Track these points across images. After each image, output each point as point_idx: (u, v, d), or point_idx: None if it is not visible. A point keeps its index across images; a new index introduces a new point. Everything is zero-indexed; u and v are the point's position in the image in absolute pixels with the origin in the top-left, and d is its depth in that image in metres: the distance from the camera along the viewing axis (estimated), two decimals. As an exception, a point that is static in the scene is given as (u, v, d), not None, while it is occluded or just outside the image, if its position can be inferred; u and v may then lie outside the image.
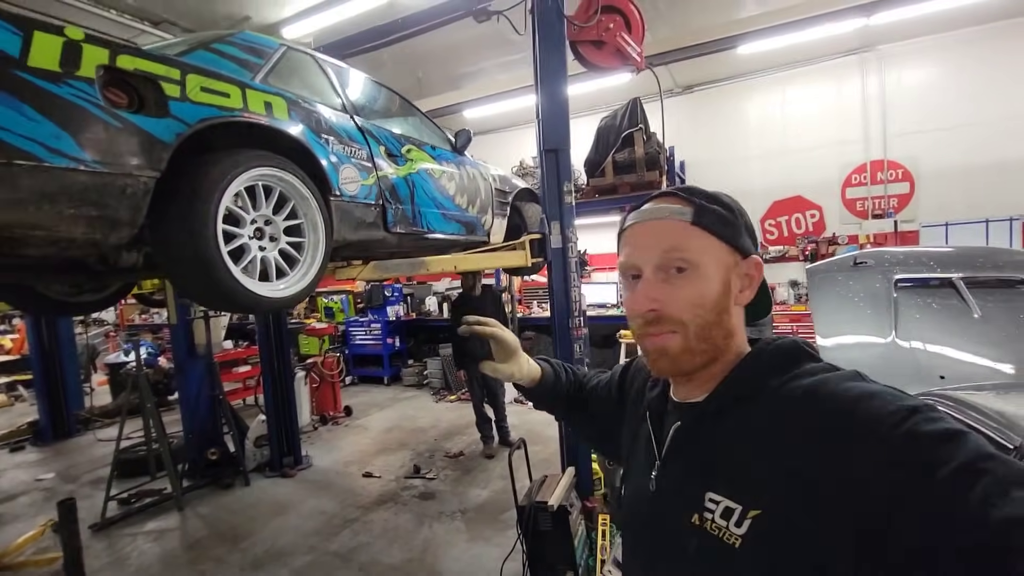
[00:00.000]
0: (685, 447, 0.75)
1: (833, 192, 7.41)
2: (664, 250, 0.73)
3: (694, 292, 0.72)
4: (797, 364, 0.69)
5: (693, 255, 0.72)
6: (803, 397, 0.64)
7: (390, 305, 8.61)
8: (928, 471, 0.51)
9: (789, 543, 0.59)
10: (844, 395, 0.61)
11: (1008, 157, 6.39)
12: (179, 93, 1.71)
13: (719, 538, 0.65)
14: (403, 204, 2.76)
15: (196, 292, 1.90)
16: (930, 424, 0.54)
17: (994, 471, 0.49)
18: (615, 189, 6.51)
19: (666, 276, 0.73)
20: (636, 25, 3.50)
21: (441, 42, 5.88)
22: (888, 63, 6.94)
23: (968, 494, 0.48)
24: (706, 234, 0.73)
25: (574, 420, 1.22)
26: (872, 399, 0.58)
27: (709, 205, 0.74)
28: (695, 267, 0.72)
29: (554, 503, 2.51)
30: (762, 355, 0.73)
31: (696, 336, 0.72)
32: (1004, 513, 0.46)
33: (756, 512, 0.62)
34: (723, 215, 0.75)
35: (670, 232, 0.74)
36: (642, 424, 0.86)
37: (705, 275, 0.72)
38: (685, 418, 0.76)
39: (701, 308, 0.71)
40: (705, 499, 0.68)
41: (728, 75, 7.65)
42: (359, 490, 4.46)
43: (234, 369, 6.92)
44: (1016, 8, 5.86)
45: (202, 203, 1.72)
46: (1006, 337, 2.62)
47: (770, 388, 0.68)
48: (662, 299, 0.72)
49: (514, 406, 6.56)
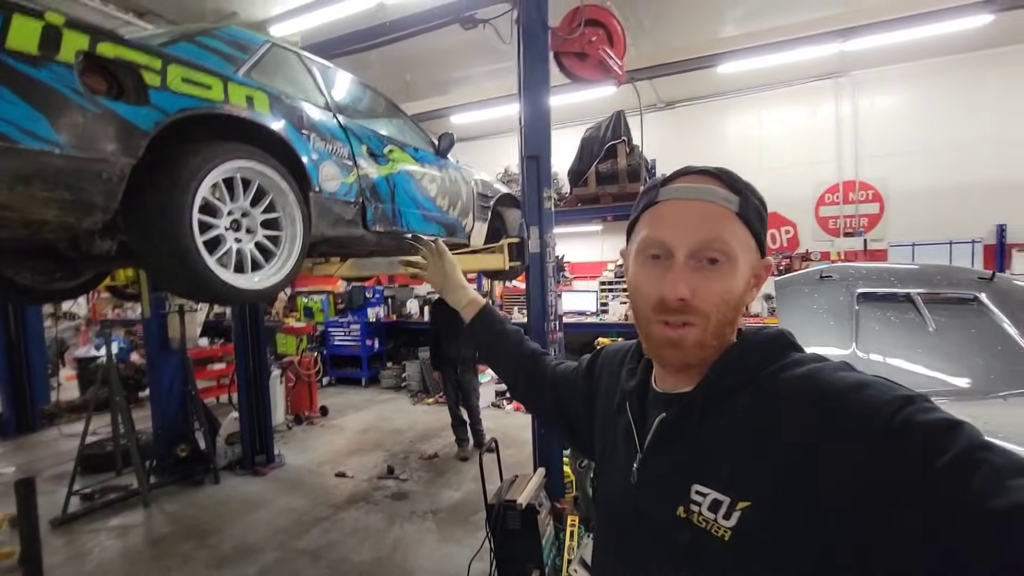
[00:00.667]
0: (670, 438, 0.72)
1: (807, 209, 7.64)
2: (707, 237, 0.67)
3: (724, 287, 0.68)
4: (785, 353, 0.68)
5: (734, 249, 0.67)
6: (795, 388, 0.62)
7: (371, 307, 8.57)
8: (925, 461, 0.50)
9: (782, 536, 0.58)
10: (837, 385, 0.59)
11: (970, 182, 6.68)
12: (159, 82, 1.73)
13: (707, 531, 0.63)
14: (383, 203, 2.79)
15: (170, 281, 1.91)
16: (925, 414, 0.53)
17: (991, 461, 0.48)
18: (597, 199, 6.62)
19: (698, 264, 0.67)
20: (618, 39, 3.60)
21: (430, 47, 5.94)
22: (861, 88, 7.21)
23: (966, 484, 0.47)
24: (745, 228, 0.69)
25: (527, 392, 1.17)
26: (866, 389, 0.57)
27: (752, 197, 0.70)
28: (732, 261, 0.68)
29: (523, 502, 2.54)
30: (750, 345, 0.71)
31: (713, 332, 0.68)
32: (1003, 502, 0.45)
33: (746, 504, 0.61)
34: (760, 210, 0.71)
35: (714, 217, 0.68)
36: (620, 416, 0.83)
37: (737, 270, 0.68)
38: (671, 409, 0.73)
39: (726, 305, 0.68)
40: (692, 491, 0.66)
41: (709, 93, 7.86)
42: (331, 489, 4.44)
43: (208, 366, 6.82)
44: (979, 42, 6.15)
45: (179, 192, 1.73)
46: (959, 351, 2.74)
47: (759, 378, 0.66)
48: (695, 289, 0.67)
49: (490, 410, 6.59)
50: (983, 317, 2.86)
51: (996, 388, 2.52)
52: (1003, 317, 2.84)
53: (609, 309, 7.55)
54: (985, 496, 0.46)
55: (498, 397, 7.09)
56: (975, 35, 5.77)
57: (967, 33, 5.64)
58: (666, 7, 5.44)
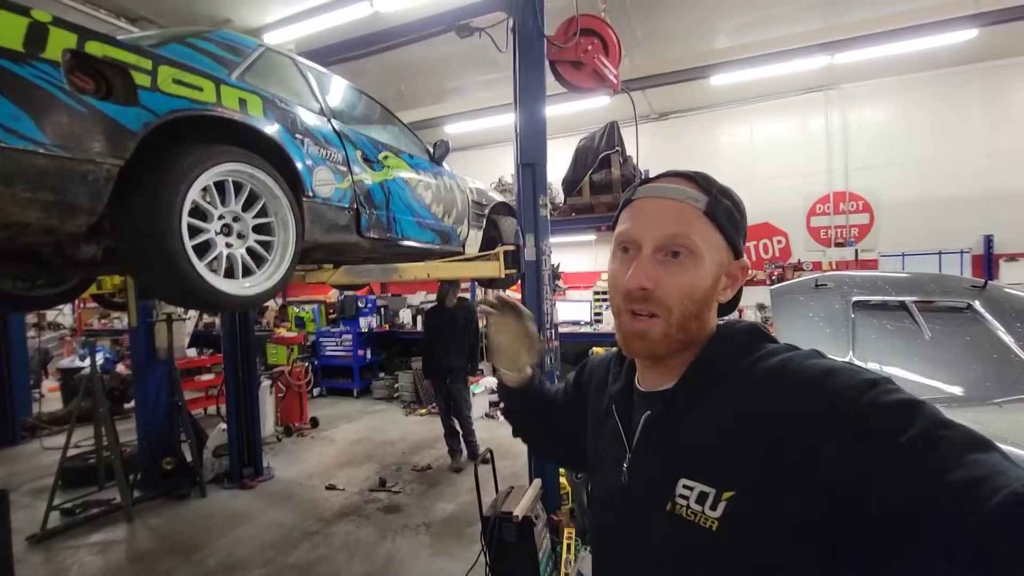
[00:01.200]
0: (655, 436, 0.75)
1: (799, 220, 7.70)
2: (671, 232, 0.71)
3: (687, 281, 0.71)
4: (759, 345, 0.71)
5: (697, 244, 0.71)
6: (768, 377, 0.65)
7: (363, 316, 8.48)
8: (888, 439, 0.53)
9: (765, 521, 0.60)
10: (808, 372, 0.62)
11: (958, 193, 6.78)
12: (150, 83, 1.69)
13: (695, 523, 0.65)
14: (378, 210, 2.75)
15: (157, 287, 1.85)
16: (889, 395, 0.56)
17: (949, 438, 0.51)
18: (591, 208, 6.63)
19: (663, 258, 0.71)
20: (613, 48, 3.62)
21: (425, 56, 5.97)
22: (850, 101, 7.32)
23: (926, 459, 0.50)
24: (713, 227, 0.72)
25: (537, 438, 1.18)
26: (834, 374, 0.60)
27: (722, 199, 0.74)
28: (696, 257, 0.71)
29: (519, 514, 2.48)
30: (726, 339, 0.73)
31: (677, 325, 0.71)
32: (960, 475, 0.48)
33: (730, 493, 0.63)
34: (732, 212, 0.74)
35: (681, 215, 0.72)
36: (607, 419, 0.85)
37: (702, 267, 0.71)
38: (654, 407, 0.75)
39: (689, 299, 0.71)
40: (679, 486, 0.68)
41: (701, 104, 7.94)
42: (321, 502, 4.33)
43: (196, 377, 6.69)
44: (965, 57, 6.28)
45: (168, 195, 1.68)
46: (954, 359, 2.74)
47: (736, 371, 0.69)
48: (658, 280, 0.71)
49: (483, 420, 6.51)
50: (977, 325, 2.87)
51: (992, 395, 2.52)
52: (997, 325, 2.85)
53: (603, 319, 7.52)
54: (943, 470, 0.49)
55: (492, 407, 7.01)
56: (961, 49, 5.88)
57: (953, 47, 5.75)
58: (660, 20, 5.51)
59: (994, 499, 0.45)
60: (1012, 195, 6.50)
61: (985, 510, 0.45)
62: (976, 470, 0.48)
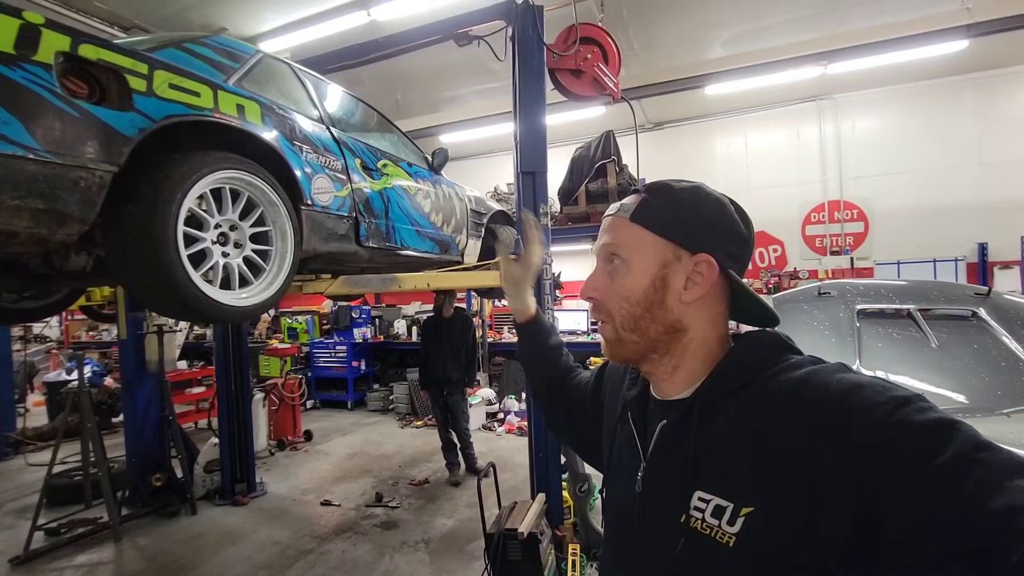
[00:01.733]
0: (672, 445, 0.73)
1: (794, 229, 7.73)
2: (602, 245, 0.78)
3: (621, 285, 0.75)
4: (782, 357, 0.68)
5: (623, 250, 0.75)
6: (793, 391, 0.63)
7: (357, 327, 8.38)
8: (922, 461, 0.50)
9: (785, 539, 0.58)
10: (835, 387, 0.60)
11: (951, 202, 6.84)
12: (145, 87, 1.64)
13: (711, 537, 0.63)
14: (377, 218, 2.70)
15: (151, 298, 1.78)
16: (922, 414, 0.53)
17: (988, 461, 0.49)
18: (588, 217, 6.61)
19: (609, 267, 0.77)
20: (613, 56, 3.61)
21: (421, 65, 5.96)
22: (843, 111, 7.39)
23: (964, 484, 0.48)
24: (641, 229, 0.74)
25: (549, 399, 1.18)
26: (862, 391, 0.57)
27: (654, 200, 0.75)
28: (624, 261, 0.75)
29: (524, 531, 2.41)
30: (746, 348, 0.72)
31: (623, 326, 0.74)
32: (1000, 503, 0.45)
33: (749, 509, 0.61)
34: (667, 210, 0.74)
35: (612, 228, 0.78)
36: (623, 425, 0.84)
37: (634, 269, 0.74)
38: (671, 416, 0.74)
39: (626, 301, 0.74)
40: (694, 498, 0.66)
41: (696, 114, 7.99)
42: (316, 519, 4.22)
43: (187, 390, 6.56)
44: (956, 67, 6.36)
45: (163, 202, 1.62)
46: (962, 368, 2.71)
47: (757, 382, 0.66)
48: (598, 288, 0.77)
49: (481, 432, 6.42)
50: (984, 333, 2.85)
51: (1002, 404, 2.49)
52: (1004, 332, 2.83)
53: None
54: (982, 497, 0.47)
55: (489, 419, 6.93)
56: (952, 60, 5.96)
57: (945, 58, 5.82)
58: (656, 30, 5.54)
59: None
60: (1005, 203, 6.56)
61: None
62: (1017, 497, 0.45)
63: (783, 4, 5.22)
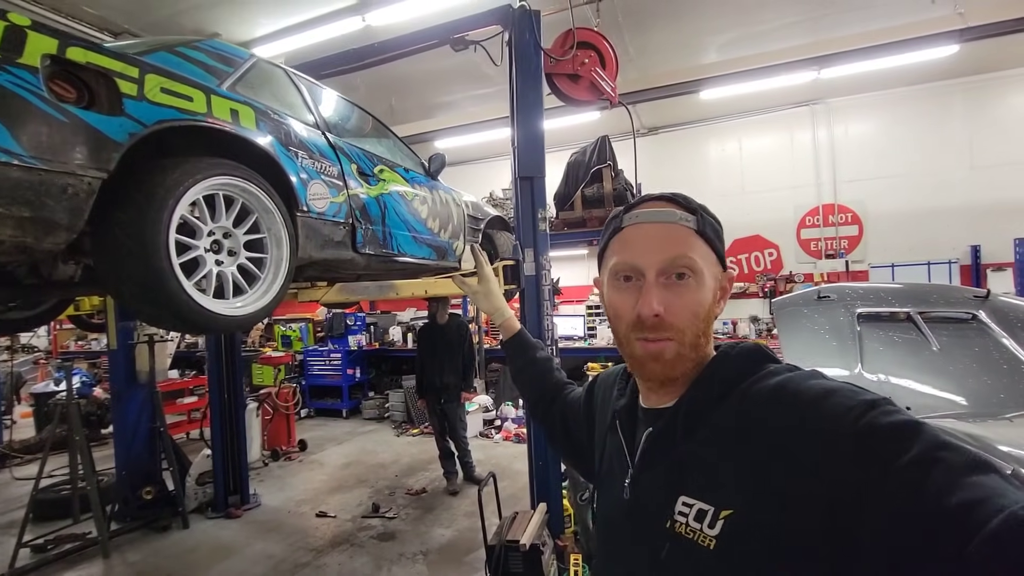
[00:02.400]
0: (657, 453, 0.75)
1: (789, 232, 7.75)
2: (672, 255, 0.72)
3: (694, 300, 0.72)
4: (760, 366, 0.71)
5: (698, 263, 0.73)
6: (769, 397, 0.65)
7: (352, 334, 8.31)
8: (887, 462, 0.52)
9: (762, 541, 0.59)
10: (807, 393, 0.62)
11: (944, 205, 6.88)
12: (136, 92, 1.60)
13: (693, 541, 0.64)
14: (374, 225, 2.66)
15: (142, 308, 1.72)
16: (887, 417, 0.55)
17: (948, 460, 0.51)
18: (584, 222, 6.60)
19: (668, 282, 0.72)
20: (610, 61, 3.60)
21: (416, 71, 5.94)
22: (836, 115, 7.44)
23: (923, 482, 0.50)
24: (705, 244, 0.74)
25: (545, 419, 1.22)
26: (833, 395, 0.60)
27: (706, 215, 0.76)
28: (698, 275, 0.72)
29: (526, 542, 2.36)
30: (727, 359, 0.74)
31: (690, 344, 0.73)
32: (958, 498, 0.47)
33: (728, 512, 0.62)
34: (716, 227, 0.77)
35: (678, 237, 0.73)
36: (612, 434, 0.86)
37: (704, 284, 0.73)
38: (656, 424, 0.76)
39: (697, 317, 0.72)
40: (678, 503, 0.68)
41: (691, 119, 8.01)
42: (312, 531, 4.14)
43: (178, 400, 6.46)
44: (947, 72, 6.42)
45: (155, 209, 1.57)
46: (963, 371, 2.69)
47: (737, 390, 0.69)
48: (671, 304, 0.72)
49: (478, 440, 6.35)
50: (984, 335, 2.83)
51: (1004, 408, 2.47)
52: (1004, 335, 2.82)
53: (597, 333, 7.45)
54: (941, 493, 0.48)
55: (486, 426, 6.86)
56: (943, 64, 6.00)
57: (935, 63, 5.87)
58: (651, 35, 5.54)
59: (993, 522, 0.44)
60: (997, 206, 6.61)
61: (984, 533, 0.44)
62: (975, 492, 0.47)
63: (776, 10, 5.24)
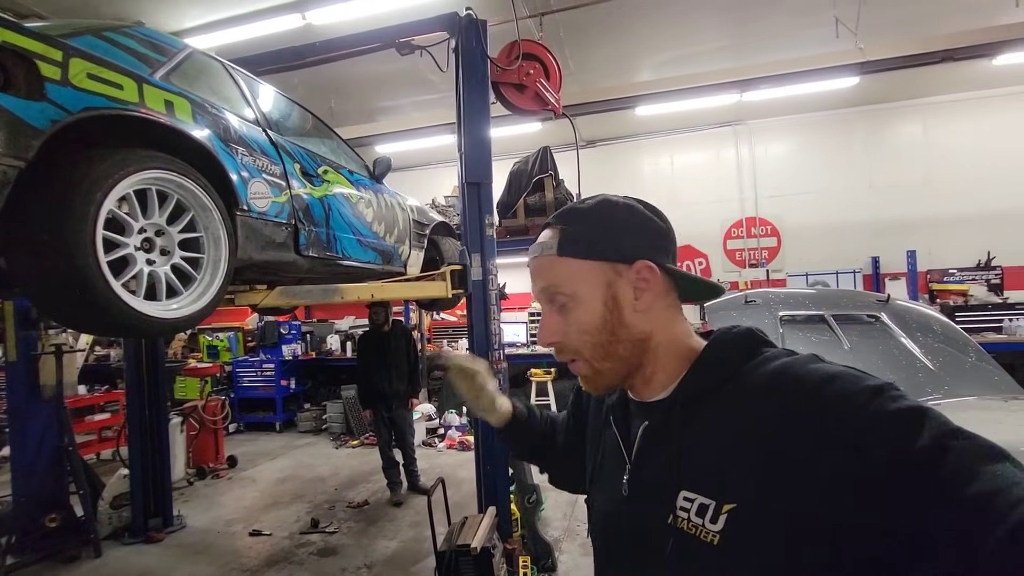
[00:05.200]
0: (655, 446, 0.73)
1: (716, 243, 8.27)
2: (541, 289, 0.76)
3: (578, 322, 0.73)
4: (756, 351, 0.69)
5: (564, 286, 0.73)
6: (768, 384, 0.63)
7: (286, 344, 7.93)
8: (897, 450, 0.51)
9: (768, 533, 0.58)
10: (809, 378, 0.60)
11: (849, 220, 7.62)
12: (60, 76, 1.48)
13: (696, 537, 0.63)
14: (317, 227, 2.58)
15: (62, 310, 1.59)
16: (894, 402, 0.54)
17: (961, 448, 0.50)
18: (527, 230, 6.71)
19: (554, 308, 0.75)
20: (554, 73, 3.72)
21: (358, 73, 5.83)
22: (757, 136, 8.05)
23: (937, 471, 0.49)
24: (574, 260, 0.73)
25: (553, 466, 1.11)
26: (836, 380, 0.58)
27: (575, 228, 0.74)
28: (572, 298, 0.73)
29: (477, 545, 2.35)
30: (721, 346, 0.72)
31: (596, 357, 0.73)
32: (975, 489, 0.47)
33: (731, 506, 0.61)
34: (588, 233, 0.73)
35: (543, 269, 0.76)
36: (606, 430, 0.84)
37: (582, 302, 0.72)
38: (652, 417, 0.74)
39: (588, 334, 0.72)
40: (679, 498, 0.66)
41: (627, 134, 8.38)
42: (244, 551, 3.89)
43: (88, 417, 5.88)
44: (849, 100, 7.14)
45: (80, 203, 1.46)
46: (871, 367, 2.97)
47: (734, 378, 0.67)
48: (556, 331, 0.75)
49: (422, 449, 6.25)
50: (886, 335, 3.17)
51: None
52: (902, 334, 3.17)
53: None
54: (957, 483, 0.48)
55: (429, 435, 6.76)
56: (846, 94, 6.68)
57: (840, 92, 6.52)
58: (591, 51, 5.77)
59: (1013, 514, 0.44)
60: (892, 222, 7.41)
61: (1005, 525, 0.43)
62: (991, 483, 0.47)
63: (705, 34, 5.62)
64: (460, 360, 1.08)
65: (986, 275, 7.02)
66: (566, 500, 4.49)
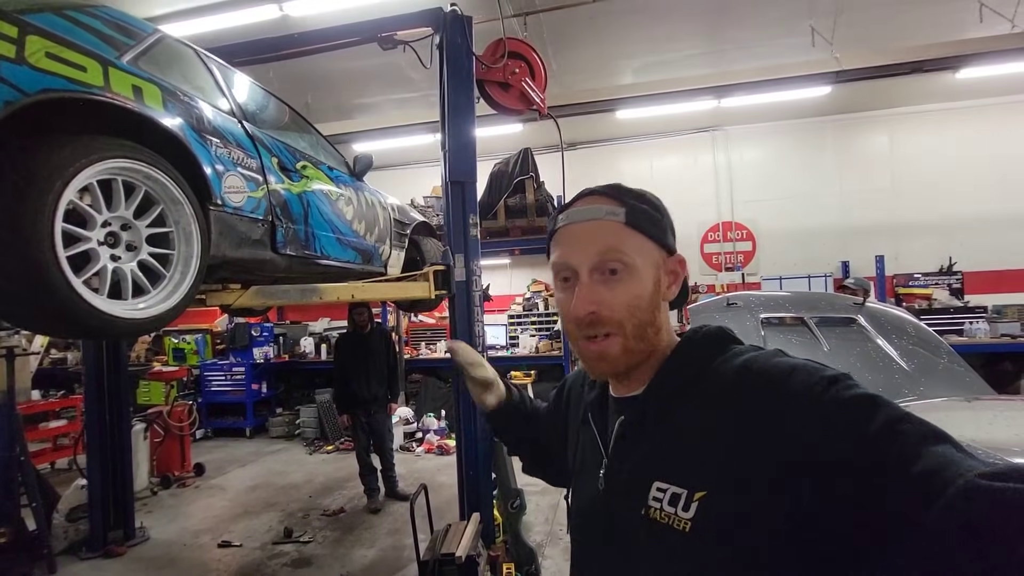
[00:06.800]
0: (630, 440, 0.75)
1: (694, 247, 8.37)
2: (600, 251, 0.72)
3: (630, 293, 0.72)
4: (725, 347, 0.73)
5: (628, 256, 0.72)
6: (735, 377, 0.66)
7: (257, 346, 7.68)
8: (853, 434, 0.55)
9: (738, 519, 0.60)
10: (772, 371, 0.64)
11: (821, 225, 7.82)
12: (14, 54, 1.37)
13: (669, 526, 0.65)
14: (296, 224, 2.48)
15: (17, 309, 1.47)
16: (849, 391, 0.58)
17: (908, 431, 0.53)
18: (507, 232, 6.68)
19: (602, 278, 0.72)
20: (539, 73, 3.68)
21: (336, 69, 5.70)
22: (733, 142, 8.20)
23: (888, 452, 0.52)
24: (638, 234, 0.74)
25: (531, 454, 1.14)
26: (797, 372, 0.62)
27: (639, 205, 0.75)
28: (631, 268, 0.72)
29: (461, 554, 2.28)
30: (693, 343, 0.75)
31: (634, 336, 0.73)
32: (918, 468, 0.50)
33: (701, 494, 0.63)
34: (652, 215, 0.76)
35: (605, 232, 0.73)
36: (585, 427, 0.86)
37: (640, 275, 0.73)
38: (627, 412, 0.76)
39: (638, 309, 0.72)
40: (652, 489, 0.68)
41: (607, 137, 8.43)
42: (213, 564, 3.71)
43: (42, 425, 5.55)
44: (821, 109, 7.33)
45: (37, 192, 1.35)
46: (850, 368, 3.03)
47: (705, 373, 0.70)
48: (603, 300, 0.72)
49: (400, 454, 6.12)
50: (863, 337, 3.23)
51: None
52: (878, 336, 3.23)
53: (519, 342, 7.52)
54: (905, 462, 0.51)
55: (407, 439, 6.63)
56: (819, 103, 6.85)
57: (813, 100, 6.69)
58: (574, 54, 5.78)
59: (948, 490, 0.47)
60: (860, 228, 7.64)
61: (942, 501, 0.47)
62: (932, 461, 0.50)
63: (684, 41, 5.70)
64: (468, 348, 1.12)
65: (948, 280, 7.30)
66: (548, 504, 4.44)
